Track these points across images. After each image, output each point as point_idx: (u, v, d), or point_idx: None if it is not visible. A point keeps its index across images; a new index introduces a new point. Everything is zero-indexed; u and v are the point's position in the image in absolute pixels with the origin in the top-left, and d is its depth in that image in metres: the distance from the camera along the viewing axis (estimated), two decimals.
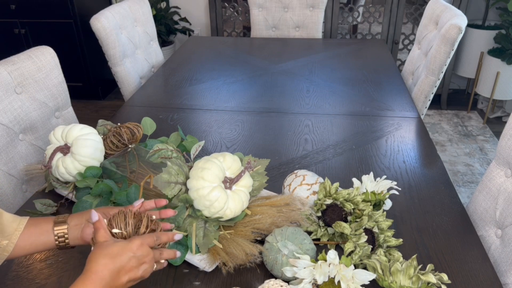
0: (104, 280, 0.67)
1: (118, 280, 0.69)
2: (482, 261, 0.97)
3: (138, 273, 0.72)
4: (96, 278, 0.66)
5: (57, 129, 1.16)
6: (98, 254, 0.69)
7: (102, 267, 0.67)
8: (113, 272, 0.68)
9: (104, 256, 0.68)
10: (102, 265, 0.67)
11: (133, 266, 0.70)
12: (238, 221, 0.99)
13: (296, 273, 0.85)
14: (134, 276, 0.71)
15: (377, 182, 1.09)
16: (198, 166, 0.97)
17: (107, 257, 0.68)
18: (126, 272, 0.70)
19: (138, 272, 0.72)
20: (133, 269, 0.71)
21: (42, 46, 1.44)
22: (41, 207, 1.11)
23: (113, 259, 0.68)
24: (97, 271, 0.67)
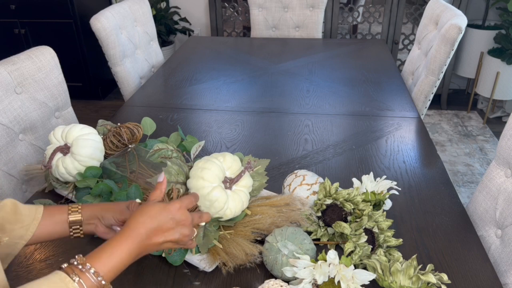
0: (139, 237, 0.68)
1: (153, 238, 0.70)
2: (482, 261, 0.97)
3: (175, 235, 0.73)
4: (132, 234, 0.68)
5: (57, 129, 1.16)
6: (139, 212, 0.71)
7: (139, 224, 0.69)
8: (150, 230, 0.69)
9: (143, 215, 0.70)
10: (140, 223, 0.69)
11: (170, 227, 0.72)
12: (238, 221, 0.99)
13: (296, 273, 0.85)
14: (171, 237, 0.72)
15: (377, 182, 1.09)
16: (198, 166, 0.97)
17: (146, 216, 0.70)
18: (162, 232, 0.71)
19: (175, 234, 0.73)
20: (170, 230, 0.72)
21: (42, 46, 1.44)
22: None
23: (151, 218, 0.70)
24: (134, 228, 0.69)
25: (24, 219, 0.82)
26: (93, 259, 0.65)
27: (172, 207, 0.74)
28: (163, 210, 0.73)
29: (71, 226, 0.85)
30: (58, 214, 0.85)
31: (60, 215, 0.85)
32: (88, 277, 0.63)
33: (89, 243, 1.03)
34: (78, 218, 0.86)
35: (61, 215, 0.85)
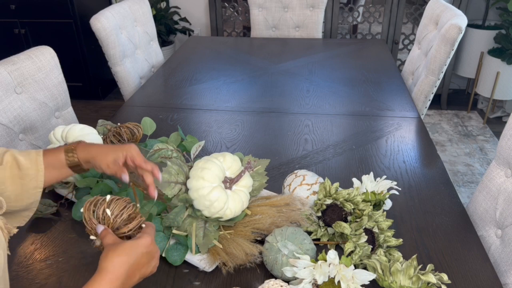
0: (120, 279, 0.66)
1: (133, 277, 0.69)
2: (482, 261, 0.97)
3: (149, 269, 0.72)
4: (113, 277, 0.65)
5: (57, 129, 1.16)
6: (112, 252, 0.68)
7: (118, 265, 0.66)
8: (129, 270, 0.68)
9: (119, 254, 0.68)
10: (118, 263, 0.67)
11: (145, 263, 0.71)
12: (238, 221, 0.99)
13: (296, 273, 0.85)
14: (145, 272, 0.72)
15: (377, 182, 1.09)
16: (198, 166, 0.97)
17: (122, 255, 0.68)
18: (139, 269, 0.70)
19: (149, 268, 0.72)
20: (145, 265, 0.71)
21: (42, 46, 1.44)
22: (41, 207, 1.11)
23: (128, 256, 0.68)
24: (113, 270, 0.66)
25: (29, 172, 0.85)
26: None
27: (145, 241, 0.72)
28: (137, 246, 0.70)
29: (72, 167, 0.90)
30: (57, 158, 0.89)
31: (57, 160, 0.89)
32: None
33: (88, 242, 1.03)
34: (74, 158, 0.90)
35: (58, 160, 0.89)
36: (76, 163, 0.90)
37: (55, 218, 1.11)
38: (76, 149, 0.90)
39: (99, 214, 0.74)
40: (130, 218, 0.76)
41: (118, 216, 0.74)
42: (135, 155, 0.89)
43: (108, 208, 0.75)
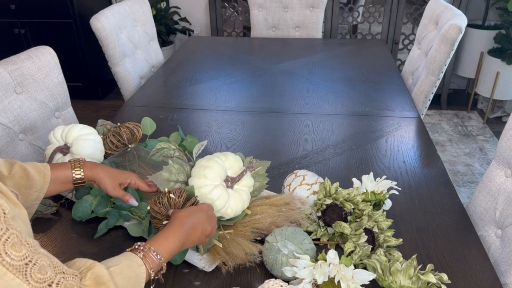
0: (185, 227, 0.84)
1: (194, 229, 0.86)
2: (482, 261, 0.97)
3: (209, 227, 0.88)
4: (179, 224, 0.84)
5: (57, 129, 1.16)
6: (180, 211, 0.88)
7: (182, 216, 0.86)
8: (192, 223, 0.85)
9: (184, 210, 0.88)
10: (182, 215, 0.86)
11: (204, 220, 0.88)
12: (237, 221, 0.99)
13: (296, 273, 0.85)
14: (205, 228, 0.88)
15: (377, 182, 1.09)
16: (201, 165, 0.97)
17: (186, 211, 0.88)
18: (200, 223, 0.87)
19: (209, 226, 0.88)
20: (205, 222, 0.88)
21: (42, 46, 1.44)
22: (41, 207, 1.11)
23: (190, 212, 0.88)
24: (179, 220, 0.85)
25: (36, 184, 0.91)
26: (152, 243, 0.79)
27: (204, 205, 0.91)
28: (199, 208, 0.90)
29: (76, 183, 0.98)
30: (63, 173, 0.96)
31: (64, 175, 0.96)
32: (150, 256, 0.77)
33: (89, 242, 1.03)
34: (81, 176, 0.97)
35: (65, 176, 0.96)
36: (81, 180, 0.98)
37: (55, 218, 1.11)
38: (85, 167, 0.98)
39: (165, 202, 0.92)
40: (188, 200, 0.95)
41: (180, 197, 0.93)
42: (138, 182, 1.01)
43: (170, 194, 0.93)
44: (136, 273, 0.73)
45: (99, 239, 1.04)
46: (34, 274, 0.58)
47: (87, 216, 1.08)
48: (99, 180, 0.98)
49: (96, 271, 0.67)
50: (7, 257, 0.55)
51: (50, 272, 0.60)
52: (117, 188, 0.98)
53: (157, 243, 0.79)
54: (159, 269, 0.78)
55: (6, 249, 0.55)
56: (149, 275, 0.76)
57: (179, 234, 0.82)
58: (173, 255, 0.82)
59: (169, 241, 0.81)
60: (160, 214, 0.92)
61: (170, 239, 0.81)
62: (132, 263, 0.74)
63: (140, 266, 0.74)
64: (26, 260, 0.57)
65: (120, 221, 1.05)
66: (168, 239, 0.81)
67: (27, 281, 0.57)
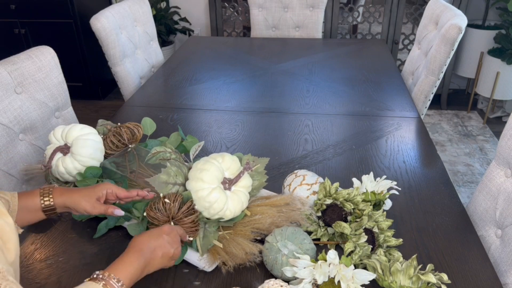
0: (143, 252, 0.82)
1: (154, 254, 0.84)
2: (482, 261, 0.97)
3: (171, 250, 0.86)
4: (137, 250, 0.82)
5: (57, 129, 1.16)
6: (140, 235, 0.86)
7: (142, 243, 0.84)
8: (151, 247, 0.84)
9: (143, 236, 0.85)
10: (141, 242, 0.84)
11: (165, 244, 0.86)
12: (237, 221, 0.99)
13: (296, 273, 0.85)
14: (167, 251, 0.86)
15: (377, 182, 1.09)
16: (197, 168, 0.97)
17: (145, 237, 0.85)
18: (160, 249, 0.85)
19: (171, 249, 0.86)
20: (166, 246, 0.86)
21: (42, 46, 1.44)
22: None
23: (150, 238, 0.85)
24: (138, 246, 0.83)
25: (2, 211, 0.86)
26: (111, 270, 0.77)
27: (164, 228, 0.88)
28: (158, 232, 0.87)
29: (45, 211, 0.95)
30: (32, 201, 0.93)
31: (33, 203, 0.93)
32: (112, 283, 0.74)
33: (89, 242, 1.03)
34: (50, 202, 0.94)
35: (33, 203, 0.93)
36: (51, 207, 0.95)
37: (55, 218, 1.11)
38: (53, 193, 0.95)
39: (161, 207, 0.92)
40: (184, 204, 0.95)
41: (175, 201, 0.93)
42: (115, 190, 0.98)
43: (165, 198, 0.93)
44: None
45: (99, 239, 1.04)
46: None
47: (87, 216, 1.07)
48: (74, 204, 0.95)
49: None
50: None
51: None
52: (97, 205, 0.96)
53: (117, 270, 0.77)
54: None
55: None
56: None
57: (137, 259, 0.81)
58: (134, 280, 0.80)
59: (128, 267, 0.79)
60: (156, 220, 0.93)
61: (128, 265, 0.79)
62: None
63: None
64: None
65: (120, 221, 1.05)
66: (127, 265, 0.79)
67: None
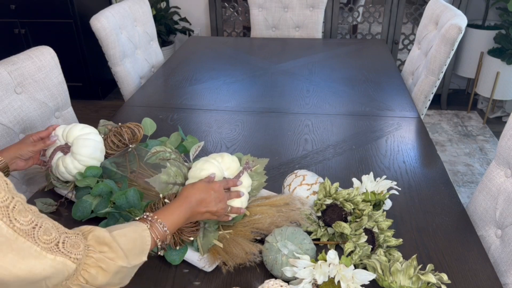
0: (190, 203, 0.88)
1: (199, 207, 0.89)
2: (482, 261, 0.97)
3: (215, 207, 0.91)
4: (186, 200, 0.88)
5: (58, 128, 1.16)
6: (190, 186, 0.92)
7: (190, 195, 0.89)
8: (197, 200, 0.89)
9: (193, 188, 0.91)
10: (191, 193, 0.89)
11: (212, 200, 0.90)
12: (237, 221, 0.99)
13: (296, 273, 0.85)
14: (211, 209, 0.90)
15: (377, 182, 1.09)
16: (197, 167, 0.97)
17: (195, 189, 0.91)
18: (206, 204, 0.90)
19: (215, 207, 0.91)
20: (211, 203, 0.90)
21: (42, 46, 1.44)
22: (41, 206, 1.11)
23: (199, 191, 0.90)
24: (187, 197, 0.89)
25: None
26: (159, 214, 0.84)
27: (214, 185, 0.93)
28: (208, 187, 0.92)
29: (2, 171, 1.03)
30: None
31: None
32: (157, 226, 0.81)
33: None
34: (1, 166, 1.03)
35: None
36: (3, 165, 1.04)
37: (55, 218, 1.11)
38: None
39: (159, 207, 0.93)
40: None
41: None
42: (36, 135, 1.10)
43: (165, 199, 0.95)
44: (142, 236, 0.78)
45: None
46: (41, 236, 0.63)
47: (87, 216, 1.08)
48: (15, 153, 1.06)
49: (97, 233, 0.72)
50: (16, 223, 0.60)
51: (55, 233, 0.65)
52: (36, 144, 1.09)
53: (164, 216, 0.84)
54: (164, 240, 0.83)
55: (15, 216, 0.59)
56: (155, 243, 0.81)
57: (184, 209, 0.87)
58: (177, 227, 0.87)
59: (174, 215, 0.86)
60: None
61: (176, 214, 0.86)
62: (137, 228, 0.78)
63: (144, 230, 0.79)
64: (33, 224, 0.62)
65: (120, 221, 1.05)
66: (174, 213, 0.86)
67: (36, 243, 0.62)
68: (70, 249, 0.66)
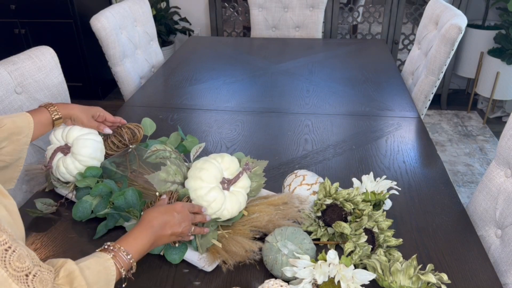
0: (154, 228, 0.86)
1: (163, 230, 0.87)
2: (482, 261, 0.97)
3: (179, 229, 0.89)
4: (148, 225, 0.86)
5: (57, 129, 1.16)
6: (151, 210, 0.90)
7: (153, 219, 0.87)
8: (160, 224, 0.87)
9: (155, 211, 0.89)
10: (153, 217, 0.87)
11: (175, 223, 0.89)
12: (235, 221, 0.99)
13: (296, 273, 0.85)
14: (175, 230, 0.89)
15: (377, 182, 1.09)
16: (197, 167, 0.97)
17: (157, 212, 0.89)
18: (170, 226, 0.88)
19: (179, 228, 0.89)
20: (176, 225, 0.89)
21: (42, 46, 1.44)
22: (41, 206, 1.11)
23: (161, 214, 0.88)
24: (149, 221, 0.86)
25: (23, 130, 1.01)
26: (121, 243, 0.81)
27: (176, 206, 0.91)
28: (169, 209, 0.90)
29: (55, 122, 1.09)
30: (44, 117, 1.06)
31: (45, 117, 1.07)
32: (120, 255, 0.79)
33: (89, 242, 1.03)
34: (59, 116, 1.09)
35: (46, 117, 1.07)
36: (59, 118, 1.09)
37: (55, 218, 1.11)
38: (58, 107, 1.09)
39: None
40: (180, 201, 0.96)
41: (171, 198, 0.95)
42: (105, 114, 1.18)
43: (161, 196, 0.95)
44: (105, 267, 0.75)
45: (99, 239, 1.04)
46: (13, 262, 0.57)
47: (87, 216, 1.08)
48: (75, 116, 1.11)
49: (68, 267, 0.69)
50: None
51: (29, 262, 0.60)
52: (92, 120, 1.14)
53: (127, 243, 0.81)
54: (129, 269, 0.80)
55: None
56: (120, 273, 0.78)
57: (147, 234, 0.84)
58: (142, 254, 0.84)
59: (138, 241, 0.83)
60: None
61: (139, 240, 0.83)
62: (99, 259, 0.75)
63: (108, 260, 0.76)
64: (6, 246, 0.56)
65: (119, 221, 1.05)
66: (137, 239, 0.83)
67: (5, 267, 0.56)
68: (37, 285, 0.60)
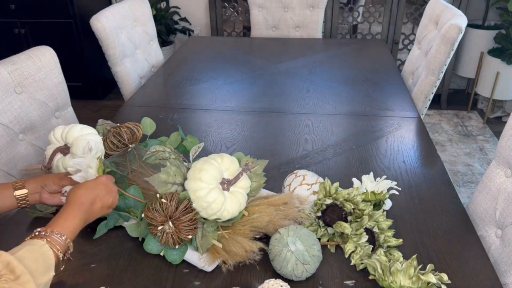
0: (84, 205, 0.86)
1: (94, 205, 0.88)
2: (482, 261, 0.97)
3: (110, 199, 0.91)
4: (77, 203, 0.85)
5: (57, 129, 1.16)
6: (77, 188, 0.88)
7: (80, 195, 0.86)
8: (90, 200, 0.87)
9: (82, 188, 0.88)
10: (80, 194, 0.87)
11: (104, 194, 0.90)
12: (236, 221, 0.99)
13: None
14: (106, 202, 0.90)
15: (377, 182, 1.09)
16: (196, 168, 0.97)
17: (83, 189, 0.88)
18: (100, 199, 0.89)
19: (109, 199, 0.91)
20: (104, 197, 0.90)
21: (42, 46, 1.44)
22: (41, 206, 1.11)
23: (89, 189, 0.88)
24: (77, 199, 0.86)
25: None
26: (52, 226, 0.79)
27: (100, 179, 0.92)
28: (95, 182, 0.90)
29: (18, 200, 0.98)
30: (5, 191, 0.97)
31: (7, 191, 0.97)
32: (54, 238, 0.77)
33: (88, 242, 1.03)
34: (24, 192, 0.98)
35: (7, 191, 0.97)
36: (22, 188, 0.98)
37: None
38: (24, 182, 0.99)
39: (158, 207, 0.93)
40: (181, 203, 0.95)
41: (171, 200, 0.93)
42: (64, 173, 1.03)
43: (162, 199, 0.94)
44: (42, 253, 0.74)
45: (99, 239, 1.04)
46: None
47: None
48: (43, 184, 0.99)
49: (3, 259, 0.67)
50: None
51: None
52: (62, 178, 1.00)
53: (59, 225, 0.80)
54: (66, 249, 0.79)
55: None
56: (57, 256, 0.77)
57: (79, 213, 0.84)
58: (76, 233, 0.83)
59: (69, 221, 0.82)
60: (154, 220, 0.93)
61: (70, 220, 0.82)
62: (34, 247, 0.74)
63: (43, 245, 0.75)
64: None
65: (119, 221, 1.05)
66: (68, 220, 0.82)
67: None
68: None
